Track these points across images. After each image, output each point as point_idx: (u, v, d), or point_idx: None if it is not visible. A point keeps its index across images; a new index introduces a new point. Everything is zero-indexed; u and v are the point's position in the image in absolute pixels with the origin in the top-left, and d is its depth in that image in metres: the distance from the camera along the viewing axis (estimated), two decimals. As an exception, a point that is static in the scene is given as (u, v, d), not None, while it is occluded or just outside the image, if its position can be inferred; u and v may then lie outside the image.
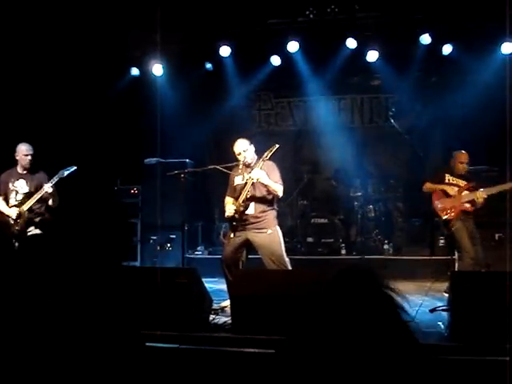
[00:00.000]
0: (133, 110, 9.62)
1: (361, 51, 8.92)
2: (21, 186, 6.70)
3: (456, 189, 6.84)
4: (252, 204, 5.89)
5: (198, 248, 9.34)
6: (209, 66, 9.66)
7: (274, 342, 4.35)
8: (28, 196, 6.63)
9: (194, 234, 9.41)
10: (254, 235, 5.89)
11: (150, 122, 8.62)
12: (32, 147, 6.75)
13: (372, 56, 8.92)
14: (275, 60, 9.32)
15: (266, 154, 5.83)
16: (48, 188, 6.48)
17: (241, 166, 6.05)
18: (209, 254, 9.17)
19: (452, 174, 6.98)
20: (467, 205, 6.72)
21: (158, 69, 9.47)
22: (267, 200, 5.96)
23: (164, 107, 8.88)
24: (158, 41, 9.51)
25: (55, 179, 6.50)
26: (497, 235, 7.72)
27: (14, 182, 6.72)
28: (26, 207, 6.55)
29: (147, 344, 4.03)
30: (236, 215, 5.86)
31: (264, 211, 5.92)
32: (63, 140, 8.52)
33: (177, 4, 8.54)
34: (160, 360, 3.97)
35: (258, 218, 5.89)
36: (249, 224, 5.89)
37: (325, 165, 9.70)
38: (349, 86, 9.89)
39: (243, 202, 5.82)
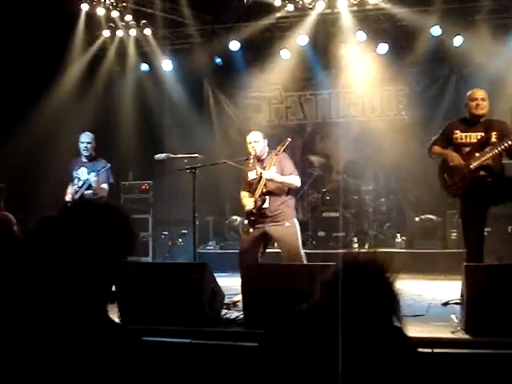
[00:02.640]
0: (143, 106, 9.64)
1: (371, 44, 8.87)
2: (82, 174, 6.83)
3: (466, 150, 5.32)
4: (268, 198, 5.90)
5: (210, 243, 9.35)
6: (218, 60, 9.65)
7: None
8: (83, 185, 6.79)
9: (206, 228, 9.42)
10: (271, 228, 5.92)
11: (161, 117, 8.64)
12: (90, 136, 6.91)
13: (382, 48, 8.87)
14: (285, 54, 9.29)
15: (278, 148, 5.86)
16: (92, 181, 6.63)
17: (252, 160, 6.04)
18: (220, 249, 9.19)
19: (465, 126, 5.41)
20: (482, 172, 5.25)
21: (167, 64, 9.47)
22: (283, 192, 5.99)
23: (174, 102, 8.88)
24: (168, 36, 9.55)
25: (94, 174, 6.64)
26: (510, 227, 7.64)
27: (77, 170, 6.89)
28: (77, 196, 6.69)
29: (160, 339, 4.05)
30: (254, 210, 5.88)
31: (281, 204, 5.95)
32: (73, 137, 8.56)
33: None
34: (173, 355, 3.97)
35: (276, 211, 5.91)
36: (266, 217, 5.91)
37: (336, 158, 9.67)
38: (359, 78, 9.83)
39: (259, 196, 5.84)
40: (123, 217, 1.71)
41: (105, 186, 6.83)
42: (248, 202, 5.98)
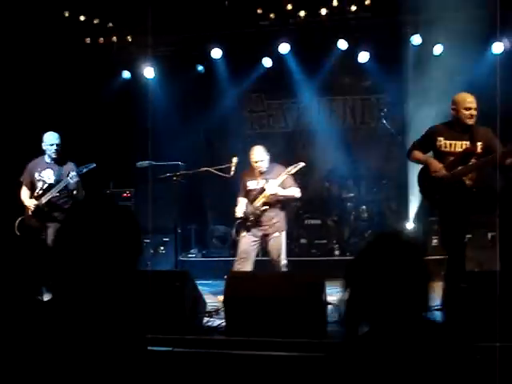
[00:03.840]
0: (124, 113, 9.60)
1: (352, 52, 8.94)
2: (48, 177, 6.40)
3: (450, 159, 5.15)
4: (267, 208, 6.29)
5: (192, 251, 9.32)
6: (200, 68, 9.65)
7: (267, 343, 4.34)
8: (51, 187, 6.33)
9: (188, 236, 9.39)
10: (265, 234, 6.33)
11: (142, 124, 8.61)
12: (59, 136, 6.47)
13: (363, 57, 8.93)
14: (267, 62, 9.32)
15: (290, 169, 6.25)
16: (73, 182, 6.23)
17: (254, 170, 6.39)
18: (202, 257, 9.16)
19: (449, 133, 5.19)
20: (467, 181, 5.12)
21: (149, 72, 9.45)
22: (280, 205, 6.39)
23: (156, 110, 8.86)
24: (150, 43, 9.51)
25: (75, 173, 6.22)
26: (490, 234, 7.69)
27: (40, 172, 6.42)
28: (44, 200, 6.30)
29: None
30: (251, 217, 6.25)
31: (276, 215, 6.34)
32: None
33: (168, 6, 8.54)
34: (153, 363, 3.94)
35: (270, 221, 6.30)
36: (262, 226, 6.31)
37: (317, 166, 9.69)
38: (340, 87, 9.90)
39: (261, 205, 6.21)
40: (130, 213, 1.69)
41: (83, 191, 6.51)
42: (239, 209, 6.35)
